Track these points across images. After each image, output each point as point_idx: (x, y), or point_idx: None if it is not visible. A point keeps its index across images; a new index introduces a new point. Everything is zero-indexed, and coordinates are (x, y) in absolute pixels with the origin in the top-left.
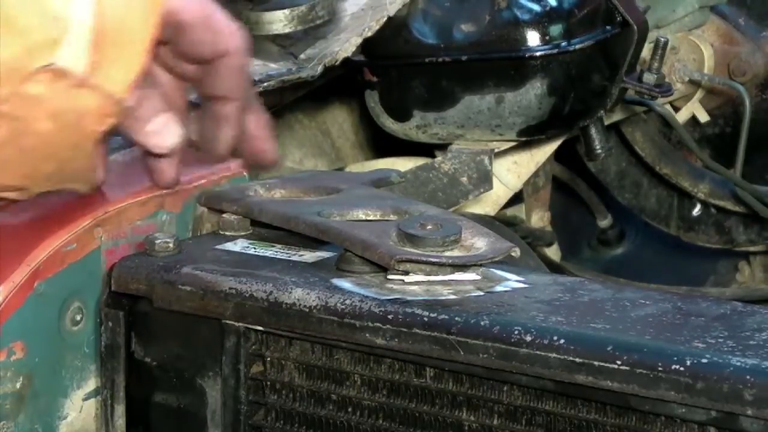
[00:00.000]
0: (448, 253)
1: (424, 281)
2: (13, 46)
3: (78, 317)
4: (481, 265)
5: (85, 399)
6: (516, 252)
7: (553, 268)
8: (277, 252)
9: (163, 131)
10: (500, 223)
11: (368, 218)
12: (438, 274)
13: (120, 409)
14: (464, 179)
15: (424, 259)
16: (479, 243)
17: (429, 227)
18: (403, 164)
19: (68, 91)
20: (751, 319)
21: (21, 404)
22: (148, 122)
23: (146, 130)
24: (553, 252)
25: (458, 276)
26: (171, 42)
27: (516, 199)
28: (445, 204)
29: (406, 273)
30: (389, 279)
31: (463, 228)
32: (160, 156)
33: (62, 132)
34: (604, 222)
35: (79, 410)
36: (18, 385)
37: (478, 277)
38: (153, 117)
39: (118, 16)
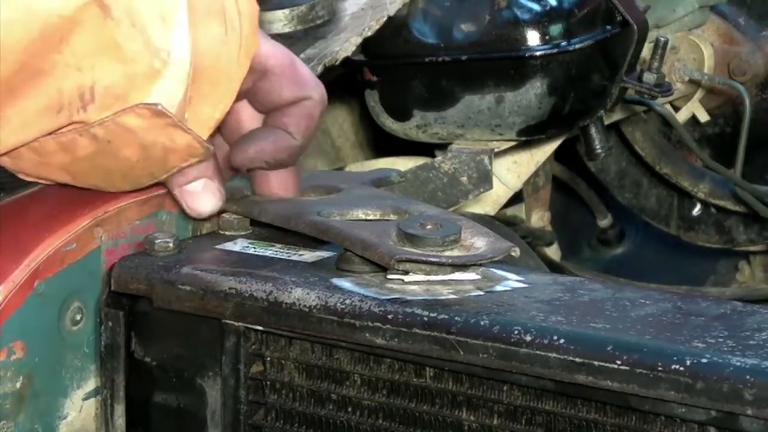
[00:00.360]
0: (447, 253)
1: (423, 281)
2: (117, 73)
3: (78, 317)
4: (480, 265)
5: (85, 399)
6: (516, 252)
7: (553, 268)
8: (276, 251)
9: (204, 195)
10: (500, 223)
11: (368, 218)
12: (438, 274)
13: (120, 409)
14: (464, 179)
15: (424, 258)
16: (479, 243)
17: (429, 227)
18: (403, 164)
19: (161, 129)
20: (751, 319)
21: (21, 404)
22: (190, 180)
23: (188, 189)
24: (553, 252)
25: (458, 276)
26: (252, 87)
27: (516, 199)
28: (445, 204)
29: (406, 273)
30: (389, 279)
31: (463, 228)
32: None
33: (145, 162)
34: (604, 222)
35: (79, 410)
36: (18, 385)
37: (478, 277)
38: (198, 177)
39: (215, 52)
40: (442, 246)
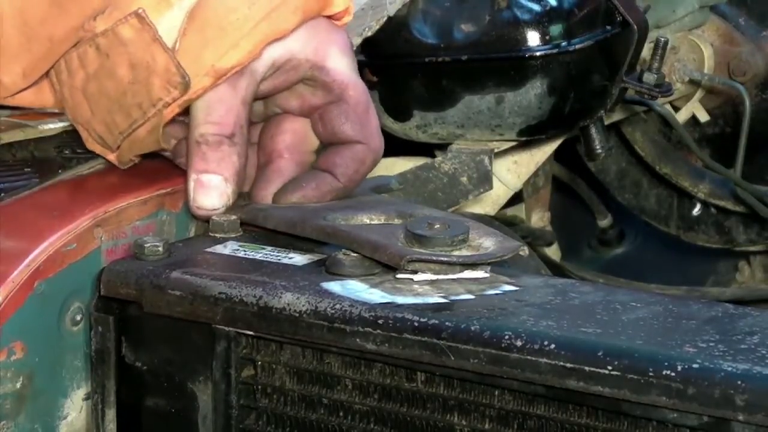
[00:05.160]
0: (456, 253)
1: (432, 280)
2: None
3: (78, 317)
4: (490, 264)
5: (85, 399)
6: (525, 251)
7: (553, 268)
8: (266, 254)
9: (211, 193)
10: (500, 223)
11: (372, 222)
12: (447, 274)
13: (111, 414)
14: (464, 179)
15: (435, 258)
16: (487, 242)
17: (437, 227)
18: (403, 164)
19: (146, 45)
20: (742, 322)
21: (21, 404)
22: (209, 171)
23: (201, 178)
24: (553, 252)
25: (467, 275)
26: (323, 107)
27: (516, 199)
28: (445, 204)
29: (415, 272)
30: (387, 280)
31: (471, 228)
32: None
33: (134, 85)
34: (604, 222)
35: (79, 410)
36: (18, 385)
37: (487, 275)
38: (216, 172)
39: (234, 4)
40: (450, 246)
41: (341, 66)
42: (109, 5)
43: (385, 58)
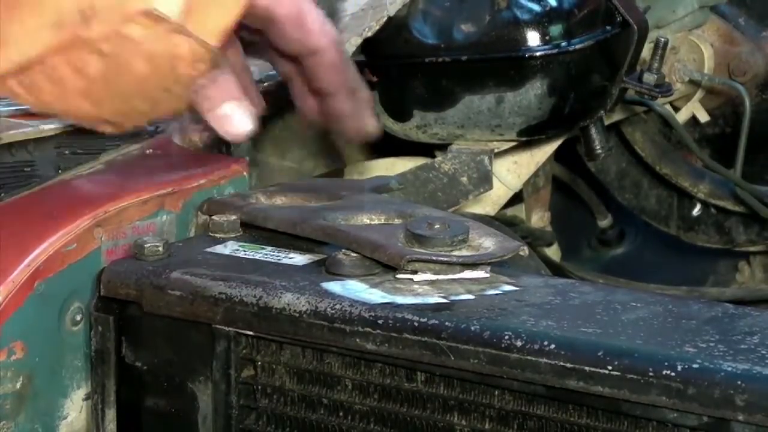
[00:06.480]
0: (456, 253)
1: (432, 280)
2: None
3: (78, 317)
4: (490, 264)
5: (86, 399)
6: (525, 251)
7: (553, 268)
8: (266, 254)
9: (235, 117)
10: (500, 223)
11: (372, 222)
12: (447, 274)
13: (111, 414)
14: (464, 179)
15: (435, 258)
16: (487, 242)
17: (437, 227)
18: (403, 164)
19: (164, 36)
20: (742, 322)
21: (21, 404)
22: (221, 105)
23: (218, 113)
24: (553, 252)
25: (467, 275)
26: (264, 34)
27: (516, 199)
28: (445, 204)
29: (415, 272)
30: (387, 280)
31: (471, 228)
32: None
33: (156, 75)
34: (604, 222)
35: (79, 410)
36: (18, 385)
37: (488, 275)
38: (227, 100)
39: None
40: (450, 246)
41: None
42: (87, 9)
43: (385, 58)
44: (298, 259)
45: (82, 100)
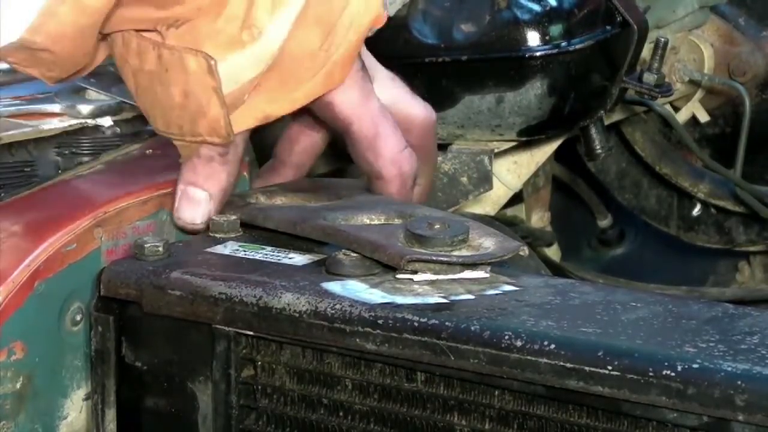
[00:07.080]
0: (456, 253)
1: (432, 280)
2: (208, 23)
3: (78, 317)
4: (490, 264)
5: (86, 399)
6: (524, 251)
7: (553, 268)
8: (266, 255)
9: (193, 205)
10: (500, 223)
11: (372, 222)
12: (447, 274)
13: (111, 414)
14: (464, 179)
15: (435, 258)
16: (487, 243)
17: (437, 227)
18: None
19: (206, 89)
20: (742, 322)
21: (21, 404)
22: (197, 185)
23: (188, 189)
24: (553, 252)
25: (467, 275)
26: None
27: (516, 199)
28: (445, 204)
29: (415, 272)
30: (387, 280)
31: (471, 228)
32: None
33: (182, 111)
34: (604, 222)
35: (79, 410)
36: (18, 385)
37: (488, 275)
38: (204, 187)
39: (299, 56)
40: (450, 246)
41: (347, 100)
42: (186, 22)
43: (385, 59)
44: (298, 259)
45: (131, 79)
